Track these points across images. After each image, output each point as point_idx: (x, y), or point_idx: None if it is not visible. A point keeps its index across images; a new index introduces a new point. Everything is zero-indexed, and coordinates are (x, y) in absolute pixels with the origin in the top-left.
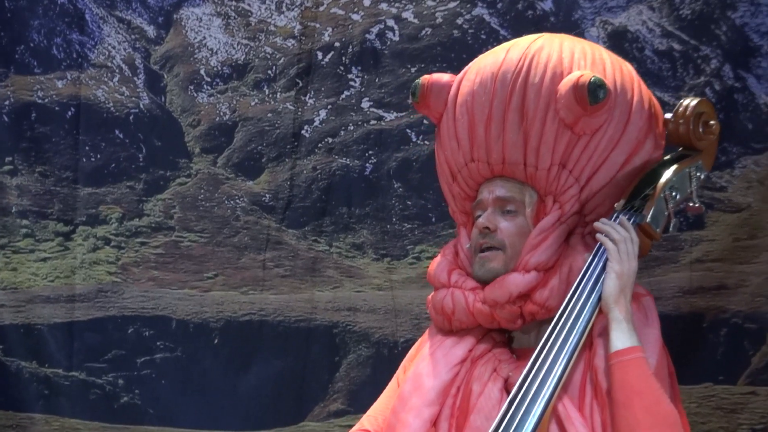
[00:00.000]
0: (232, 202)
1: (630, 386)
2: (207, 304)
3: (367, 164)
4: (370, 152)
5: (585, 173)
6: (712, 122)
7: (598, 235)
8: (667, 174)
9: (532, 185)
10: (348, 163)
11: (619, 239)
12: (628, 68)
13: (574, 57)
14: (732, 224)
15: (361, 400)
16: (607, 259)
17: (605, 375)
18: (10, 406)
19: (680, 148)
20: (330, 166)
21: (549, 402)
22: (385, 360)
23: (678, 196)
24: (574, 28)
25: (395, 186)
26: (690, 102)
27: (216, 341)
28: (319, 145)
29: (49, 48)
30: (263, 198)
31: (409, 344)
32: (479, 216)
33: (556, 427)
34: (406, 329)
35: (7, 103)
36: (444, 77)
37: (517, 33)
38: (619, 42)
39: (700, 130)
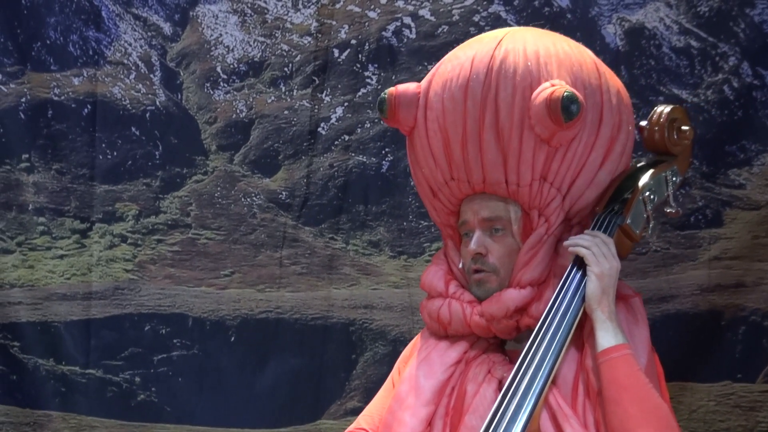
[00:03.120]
0: (248, 199)
1: (618, 383)
2: (223, 301)
3: (384, 162)
4: (387, 150)
5: (566, 182)
6: (685, 128)
7: (570, 249)
8: (645, 177)
9: (515, 200)
10: (365, 160)
11: (589, 245)
12: (591, 59)
13: (539, 62)
14: (751, 222)
15: None
16: (586, 265)
17: (595, 374)
18: (28, 403)
19: (656, 154)
20: (346, 164)
21: (539, 397)
22: None
23: (656, 199)
24: (591, 25)
25: (412, 184)
26: (664, 109)
27: (232, 339)
28: (336, 142)
29: (65, 45)
30: (280, 195)
31: None
32: (466, 234)
33: (549, 423)
34: (422, 327)
35: (23, 100)
36: (410, 88)
37: None
38: (636, 39)
39: (675, 135)
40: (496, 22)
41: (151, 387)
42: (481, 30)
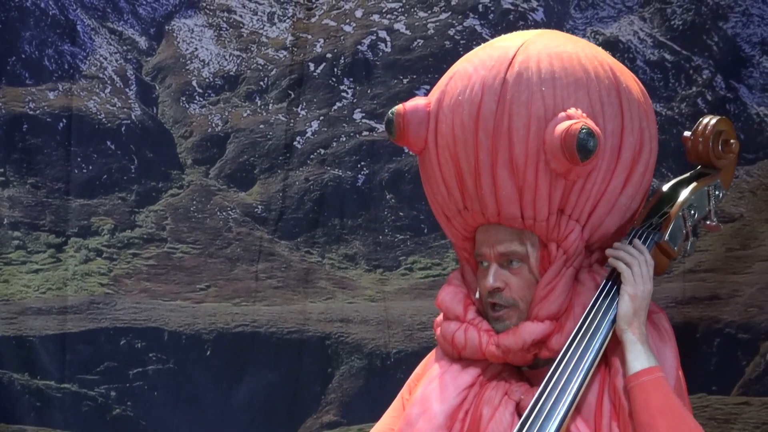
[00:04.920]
0: (224, 213)
1: (652, 407)
2: (199, 315)
3: (360, 175)
4: (363, 163)
5: (585, 212)
6: (731, 141)
7: (611, 260)
8: (686, 193)
9: (531, 231)
10: (340, 174)
11: (632, 262)
12: (608, 66)
13: (555, 84)
14: (725, 234)
15: (354, 411)
16: (620, 282)
17: (626, 396)
18: (2, 418)
19: (699, 167)
20: (322, 178)
21: (561, 424)
22: (377, 371)
23: (696, 215)
24: None
25: (387, 197)
26: (710, 120)
27: (208, 353)
28: (312, 156)
29: (40, 59)
30: (255, 209)
31: (401, 355)
32: (482, 263)
33: None
34: (398, 340)
35: None
36: (419, 106)
37: None
38: (610, 52)
39: (720, 148)
40: (471, 36)
41: (126, 401)
42: (456, 44)
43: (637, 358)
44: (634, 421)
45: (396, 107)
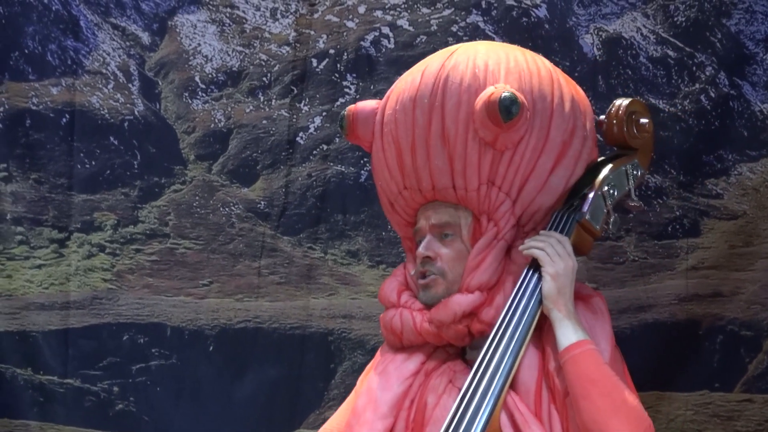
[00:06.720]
0: (227, 209)
1: (585, 377)
2: (202, 311)
3: (362, 171)
4: (365, 159)
5: (515, 186)
6: (644, 120)
7: (524, 253)
8: (604, 172)
9: (465, 206)
10: (343, 170)
11: (543, 246)
12: (547, 68)
13: (488, 69)
14: (728, 231)
15: None
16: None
17: (560, 376)
18: (5, 413)
19: (616, 148)
20: (325, 173)
21: (497, 400)
22: None
23: (616, 194)
24: (569, 35)
25: None
26: (621, 102)
27: (211, 348)
28: (314, 152)
29: (43, 54)
30: (258, 205)
31: None
32: (419, 242)
33: (509, 425)
34: None
35: (1, 109)
36: (369, 104)
37: (511, 40)
38: (613, 49)
39: (634, 129)
40: (474, 33)
41: (129, 397)
42: (459, 40)
43: (565, 334)
44: (570, 395)
45: (348, 107)
